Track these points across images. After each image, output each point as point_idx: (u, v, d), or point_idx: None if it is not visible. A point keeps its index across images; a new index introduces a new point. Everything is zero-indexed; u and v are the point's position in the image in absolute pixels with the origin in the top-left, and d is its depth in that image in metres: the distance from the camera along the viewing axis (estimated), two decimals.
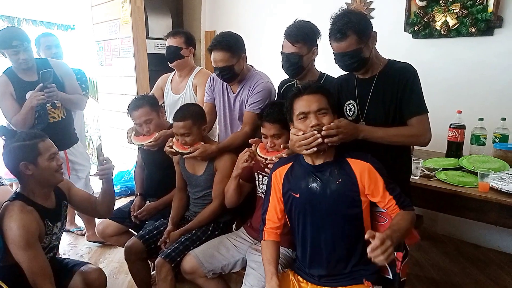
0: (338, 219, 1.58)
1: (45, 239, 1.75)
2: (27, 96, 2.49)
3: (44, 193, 1.78)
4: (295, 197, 1.64)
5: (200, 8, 4.74)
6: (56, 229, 1.82)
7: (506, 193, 1.89)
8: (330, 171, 1.58)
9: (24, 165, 1.68)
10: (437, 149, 2.70)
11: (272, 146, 1.87)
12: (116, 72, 4.43)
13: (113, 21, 4.28)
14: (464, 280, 2.65)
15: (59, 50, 3.27)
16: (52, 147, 1.78)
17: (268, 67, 2.47)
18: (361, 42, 1.63)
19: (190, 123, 2.08)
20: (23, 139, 1.70)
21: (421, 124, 1.65)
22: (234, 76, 2.20)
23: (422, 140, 1.66)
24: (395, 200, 1.53)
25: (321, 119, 1.54)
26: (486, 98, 2.87)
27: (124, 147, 3.85)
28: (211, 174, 2.19)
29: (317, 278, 1.63)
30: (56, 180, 1.79)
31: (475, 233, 3.13)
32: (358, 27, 1.62)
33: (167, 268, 1.93)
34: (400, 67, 1.72)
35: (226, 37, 2.17)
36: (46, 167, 1.71)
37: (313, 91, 1.58)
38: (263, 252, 1.70)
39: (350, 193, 1.55)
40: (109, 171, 1.95)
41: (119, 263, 2.89)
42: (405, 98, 1.66)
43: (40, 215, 1.71)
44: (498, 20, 2.74)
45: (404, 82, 1.66)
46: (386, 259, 1.26)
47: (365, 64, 1.70)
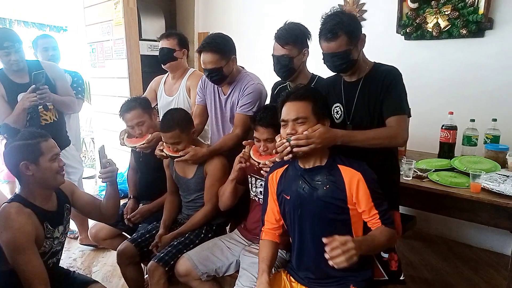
0: (325, 224, 1.57)
1: (45, 243, 1.68)
2: (19, 98, 2.47)
3: (45, 195, 1.72)
4: (286, 199, 1.65)
5: (193, 9, 4.73)
6: (57, 233, 1.76)
7: (497, 193, 1.90)
8: (320, 176, 1.58)
9: (25, 165, 1.62)
10: (429, 150, 2.72)
11: (265, 150, 1.87)
12: (109, 74, 4.41)
13: (105, 23, 4.26)
14: (457, 280, 2.67)
15: (56, 52, 3.24)
16: (55, 148, 1.73)
17: (261, 68, 2.47)
18: (351, 43, 1.63)
19: (177, 132, 2.05)
20: (26, 138, 1.65)
21: (398, 124, 1.63)
22: (223, 78, 2.20)
23: (398, 140, 1.65)
24: (379, 215, 1.51)
25: (297, 127, 1.54)
26: (477, 99, 2.90)
27: (117, 149, 3.82)
28: (201, 177, 2.18)
29: (306, 280, 1.64)
30: (57, 182, 1.73)
31: (467, 233, 3.15)
32: (349, 28, 1.62)
33: (160, 272, 1.92)
34: (385, 69, 1.71)
35: (216, 39, 2.16)
36: (48, 167, 1.66)
37: (296, 98, 1.57)
38: (259, 251, 1.71)
39: (336, 201, 1.53)
40: (112, 173, 1.91)
41: (112, 266, 2.87)
42: (385, 98, 1.66)
43: (38, 218, 1.65)
44: (489, 22, 2.77)
45: (387, 84, 1.66)
46: (347, 260, 1.24)
47: (353, 66, 1.70)
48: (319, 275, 1.61)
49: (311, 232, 1.60)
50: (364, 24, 3.43)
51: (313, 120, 1.55)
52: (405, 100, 1.68)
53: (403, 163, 2.21)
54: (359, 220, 1.58)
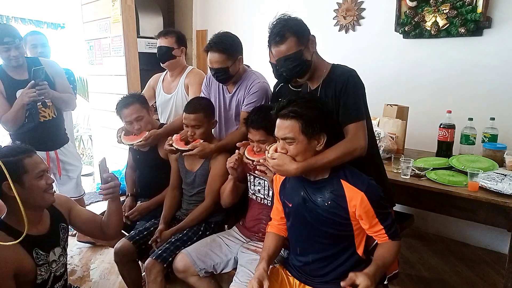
0: (326, 237, 1.55)
1: (40, 271, 1.52)
2: (17, 95, 2.46)
3: (33, 217, 1.51)
4: (288, 206, 1.65)
5: (191, 7, 4.72)
6: (53, 256, 1.59)
7: (495, 192, 1.90)
8: (322, 191, 1.53)
9: (7, 186, 1.42)
10: (427, 148, 2.73)
11: (258, 150, 1.88)
12: (107, 71, 4.39)
13: (103, 20, 4.24)
14: (454, 278, 2.68)
15: (45, 49, 3.17)
16: (41, 164, 1.54)
17: (260, 66, 2.47)
18: (300, 44, 1.62)
19: (202, 115, 2.12)
20: (5, 155, 1.45)
21: (355, 133, 1.56)
22: (229, 77, 2.21)
23: (357, 153, 1.54)
24: (385, 229, 1.48)
25: (287, 146, 1.50)
26: (475, 98, 2.90)
27: (115, 147, 3.83)
28: (206, 171, 2.20)
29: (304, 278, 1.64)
30: (46, 201, 1.55)
31: (465, 232, 3.16)
32: (295, 28, 1.62)
33: (158, 269, 1.92)
34: (340, 72, 1.65)
35: (223, 39, 2.16)
36: (34, 186, 1.48)
37: (283, 117, 1.49)
38: (264, 242, 1.74)
39: (338, 217, 1.50)
40: (114, 189, 1.73)
41: (110, 263, 2.87)
42: (341, 104, 1.60)
43: (24, 246, 1.47)
44: (487, 21, 2.77)
45: (339, 89, 1.60)
46: None
47: (307, 68, 1.65)
48: (316, 275, 1.61)
49: (312, 240, 1.59)
50: (362, 22, 3.44)
51: (303, 140, 1.48)
52: (360, 105, 1.60)
53: (401, 161, 2.21)
54: (363, 232, 1.56)
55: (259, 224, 2.04)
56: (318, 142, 1.50)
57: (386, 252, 1.49)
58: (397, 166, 2.27)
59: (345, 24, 3.49)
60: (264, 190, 2.02)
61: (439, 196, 2.07)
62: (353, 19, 3.46)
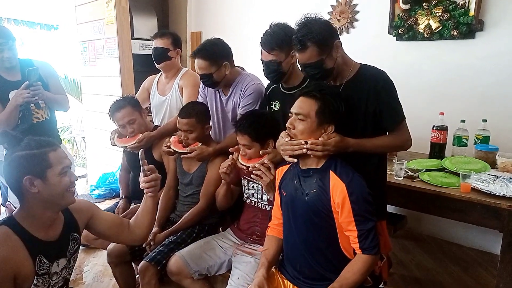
0: (312, 227, 1.56)
1: (37, 281, 1.38)
2: (10, 96, 2.45)
3: (47, 219, 1.41)
4: (283, 195, 1.67)
5: (186, 8, 4.72)
6: (56, 267, 1.45)
7: (487, 193, 1.92)
8: (310, 179, 1.57)
9: (29, 180, 1.32)
10: (420, 150, 2.74)
11: (244, 154, 1.89)
12: (101, 73, 4.37)
13: (97, 21, 4.22)
14: (447, 279, 2.69)
15: None
16: (66, 159, 1.42)
17: (254, 67, 2.46)
18: (322, 53, 1.60)
19: (194, 121, 2.13)
20: (30, 147, 1.35)
21: (402, 132, 1.69)
22: (214, 83, 2.22)
23: (405, 148, 1.72)
24: (358, 235, 1.45)
25: (296, 123, 1.55)
26: (468, 100, 2.92)
27: (109, 149, 3.81)
28: (203, 172, 2.21)
29: (296, 280, 1.64)
30: (66, 201, 1.43)
31: (457, 233, 3.18)
32: (318, 37, 1.58)
33: (151, 272, 1.91)
34: (371, 74, 1.68)
35: (207, 46, 2.18)
36: (57, 183, 1.36)
37: (305, 94, 1.57)
38: (264, 245, 1.74)
39: (321, 206, 1.51)
40: (156, 182, 1.63)
41: (104, 266, 2.85)
42: (383, 110, 1.65)
43: (29, 250, 1.35)
44: (479, 24, 2.79)
45: (376, 92, 1.64)
46: None
47: (329, 75, 1.67)
48: (306, 275, 1.61)
49: (299, 232, 1.60)
50: (356, 25, 3.46)
51: (314, 122, 1.52)
52: (400, 106, 1.68)
53: (395, 163, 2.23)
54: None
55: (254, 227, 2.05)
56: (324, 131, 1.54)
57: (349, 272, 1.47)
58: (390, 167, 2.28)
59: (339, 27, 3.50)
60: (258, 194, 2.02)
61: (432, 197, 2.09)
62: (347, 21, 3.48)
